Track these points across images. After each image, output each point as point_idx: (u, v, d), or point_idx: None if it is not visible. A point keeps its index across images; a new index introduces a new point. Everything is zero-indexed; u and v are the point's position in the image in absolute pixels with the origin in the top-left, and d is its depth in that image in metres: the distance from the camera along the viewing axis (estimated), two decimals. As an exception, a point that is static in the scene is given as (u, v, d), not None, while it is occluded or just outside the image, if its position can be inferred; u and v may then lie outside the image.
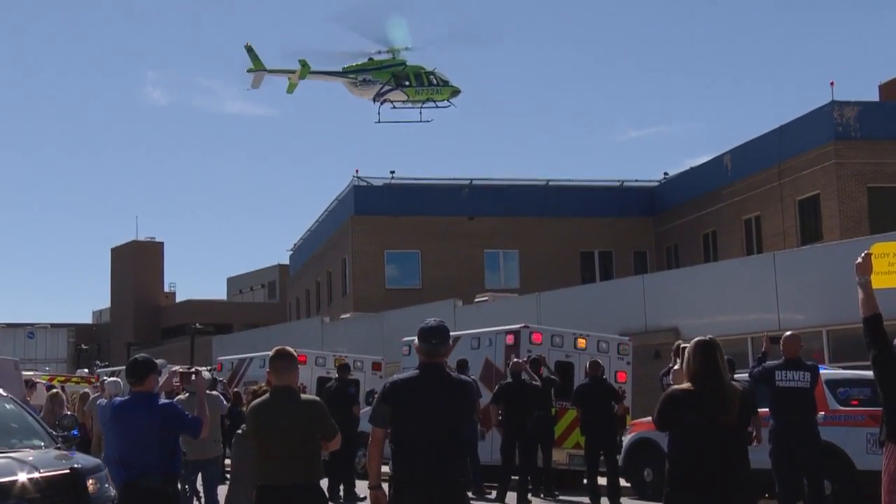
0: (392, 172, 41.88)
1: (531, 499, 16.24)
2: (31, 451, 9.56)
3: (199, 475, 12.61)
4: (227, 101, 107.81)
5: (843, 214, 30.35)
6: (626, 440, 16.61)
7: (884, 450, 6.51)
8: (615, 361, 19.53)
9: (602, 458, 15.67)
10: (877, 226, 28.52)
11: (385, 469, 6.57)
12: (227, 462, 13.28)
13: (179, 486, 11.13)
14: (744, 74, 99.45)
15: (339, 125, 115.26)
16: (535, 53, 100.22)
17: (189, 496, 13.16)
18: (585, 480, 16.45)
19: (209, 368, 27.30)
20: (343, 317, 38.10)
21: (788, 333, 12.04)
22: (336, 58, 37.44)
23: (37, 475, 8.76)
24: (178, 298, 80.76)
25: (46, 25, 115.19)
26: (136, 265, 77.07)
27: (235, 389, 21.97)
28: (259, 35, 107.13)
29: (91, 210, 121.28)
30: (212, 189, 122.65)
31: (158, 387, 8.25)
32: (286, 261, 61.55)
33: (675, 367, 9.42)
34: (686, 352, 6.42)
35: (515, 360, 16.79)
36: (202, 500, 12.59)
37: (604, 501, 15.30)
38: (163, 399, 8.29)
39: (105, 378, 18.20)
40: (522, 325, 19.12)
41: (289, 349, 7.16)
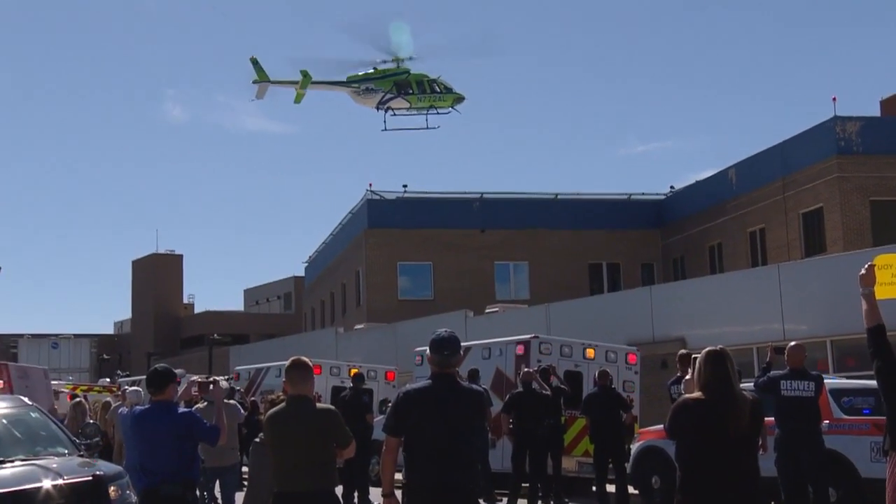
0: (405, 186, 42.09)
1: (541, 506, 16.38)
2: (55, 459, 9.75)
3: (217, 482, 12.77)
4: (245, 118, 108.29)
5: (846, 227, 30.46)
6: (634, 448, 16.64)
7: (888, 459, 6.51)
8: (623, 371, 19.69)
9: (611, 466, 15.79)
10: (879, 238, 28.68)
11: (398, 476, 6.67)
12: (245, 469, 13.55)
13: (198, 493, 11.37)
14: (748, 90, 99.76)
15: (353, 140, 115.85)
16: (545, 71, 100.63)
17: (207, 502, 13.40)
18: (594, 488, 16.51)
19: (227, 378, 27.43)
20: (357, 327, 38.26)
21: (793, 343, 12.10)
22: (343, 67, 37.36)
23: (61, 482, 8.96)
24: (197, 309, 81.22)
25: (71, 47, 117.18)
26: (157, 277, 77.57)
27: (252, 398, 22.15)
28: (273, 52, 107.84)
29: (113, 224, 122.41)
30: (230, 203, 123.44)
31: (178, 396, 8.31)
32: (301, 273, 61.66)
33: (687, 377, 9.47)
34: (697, 362, 6.42)
35: (526, 370, 16.83)
36: (220, 507, 12.80)
37: (612, 509, 15.45)
38: (182, 408, 8.36)
39: (126, 387, 18.51)
40: (532, 336, 19.21)
41: (304, 359, 7.18)
